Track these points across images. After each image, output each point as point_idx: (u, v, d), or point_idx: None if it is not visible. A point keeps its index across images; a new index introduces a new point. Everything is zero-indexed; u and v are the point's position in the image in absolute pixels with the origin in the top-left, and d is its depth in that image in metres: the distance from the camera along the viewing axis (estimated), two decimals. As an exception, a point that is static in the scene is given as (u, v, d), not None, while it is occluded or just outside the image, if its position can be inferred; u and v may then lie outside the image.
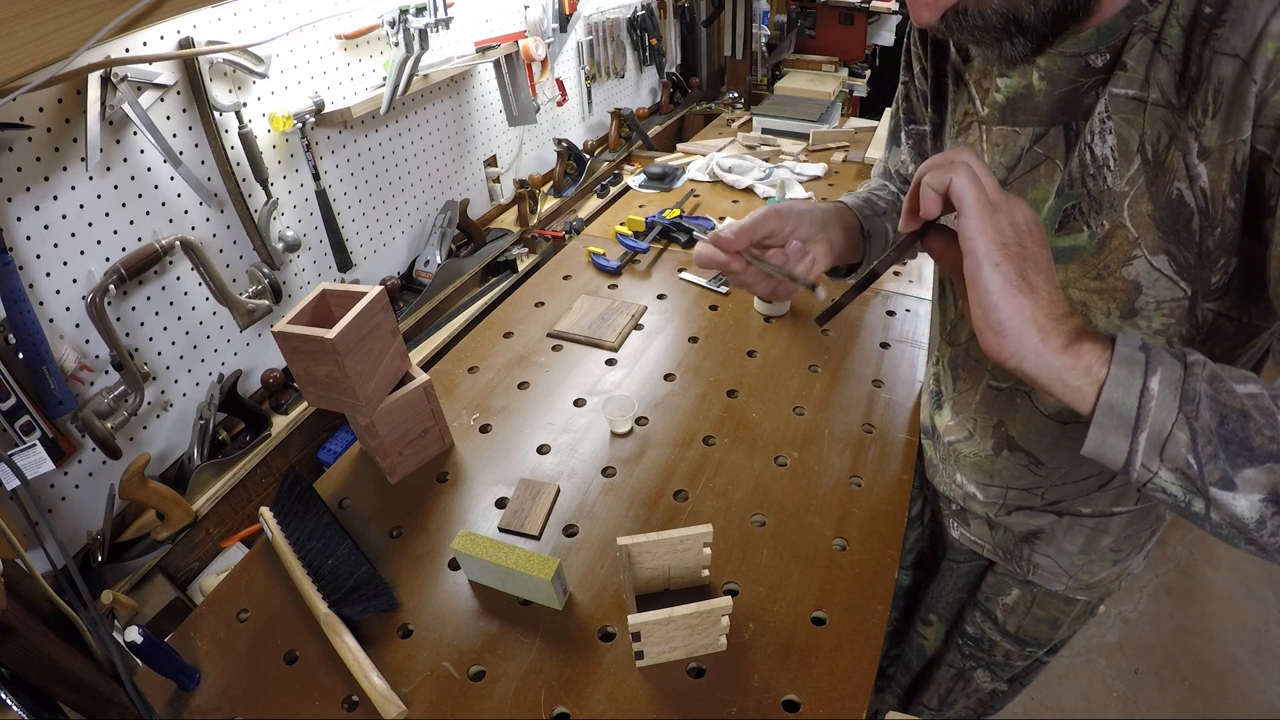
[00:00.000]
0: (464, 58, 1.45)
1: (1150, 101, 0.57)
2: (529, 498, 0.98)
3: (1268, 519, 0.47)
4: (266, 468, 1.17)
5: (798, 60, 2.80)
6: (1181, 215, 0.58)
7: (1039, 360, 0.51)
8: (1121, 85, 0.59)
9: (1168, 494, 0.49)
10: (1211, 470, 0.47)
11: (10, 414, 0.86)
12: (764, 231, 0.70)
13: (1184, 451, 0.48)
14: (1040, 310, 0.50)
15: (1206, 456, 0.47)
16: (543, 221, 1.81)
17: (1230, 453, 0.47)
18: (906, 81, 0.86)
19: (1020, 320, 0.50)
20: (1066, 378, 0.50)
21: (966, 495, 0.92)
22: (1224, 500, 0.47)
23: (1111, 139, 0.60)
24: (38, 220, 0.88)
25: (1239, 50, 0.51)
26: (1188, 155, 0.56)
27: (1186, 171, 0.56)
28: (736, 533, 0.91)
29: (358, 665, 0.77)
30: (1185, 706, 1.74)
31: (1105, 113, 0.60)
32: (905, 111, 0.89)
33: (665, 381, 1.19)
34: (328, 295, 0.96)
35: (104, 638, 0.69)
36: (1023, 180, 0.69)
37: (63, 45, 0.63)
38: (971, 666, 1.11)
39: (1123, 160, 0.60)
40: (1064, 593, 0.92)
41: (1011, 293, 0.50)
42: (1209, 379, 0.48)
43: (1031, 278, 0.51)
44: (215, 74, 1.05)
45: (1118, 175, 0.61)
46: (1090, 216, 0.64)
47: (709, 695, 0.75)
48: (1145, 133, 0.58)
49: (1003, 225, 0.51)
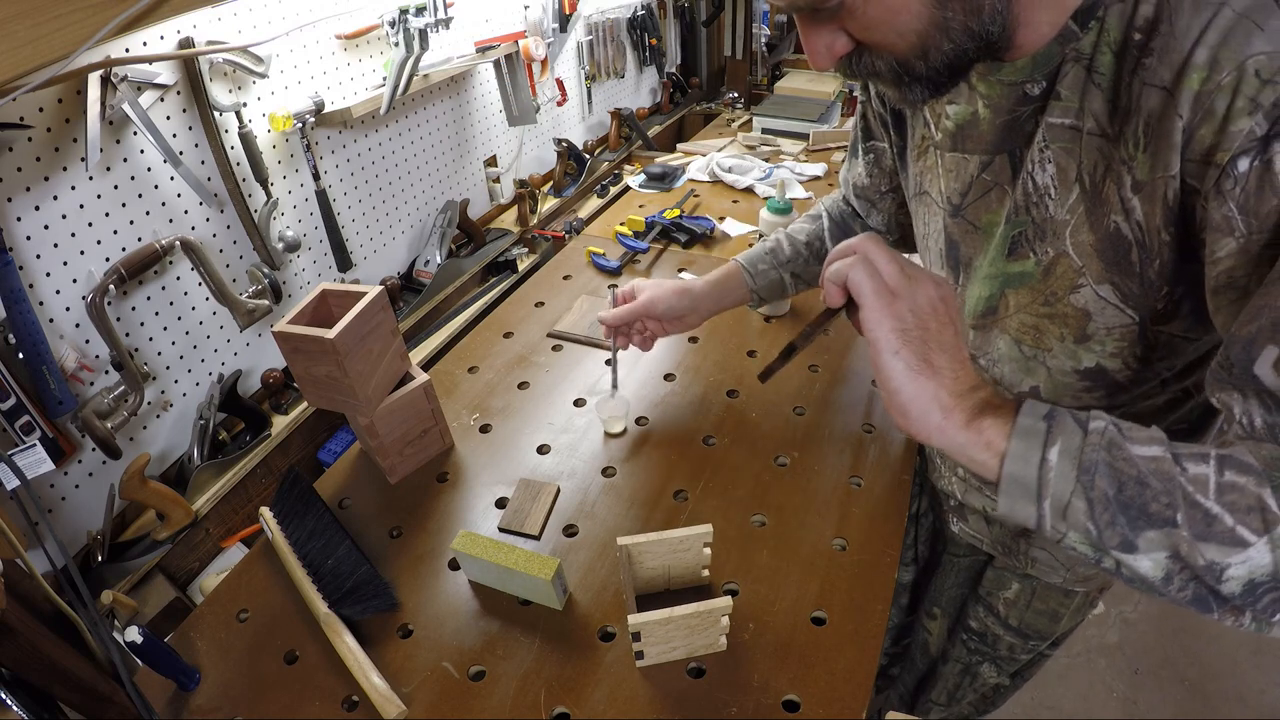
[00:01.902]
0: (464, 58, 1.45)
1: (1086, 130, 0.57)
2: (529, 498, 0.98)
3: (1174, 575, 0.47)
4: (266, 468, 1.17)
5: (798, 60, 2.79)
6: (1120, 247, 0.58)
7: (943, 438, 0.53)
8: (1057, 114, 0.59)
9: (1079, 552, 0.51)
10: (1110, 535, 0.48)
11: (10, 414, 0.86)
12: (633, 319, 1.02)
13: (1083, 519, 0.49)
14: (944, 389, 0.52)
15: (1104, 523, 0.48)
16: (543, 221, 1.81)
17: (1130, 517, 0.47)
18: (864, 102, 0.88)
19: (923, 401, 0.53)
20: (970, 453, 0.52)
21: (964, 490, 0.92)
22: (1127, 561, 0.48)
23: (1051, 168, 0.61)
24: (38, 220, 0.88)
25: (1165, 82, 0.50)
26: (1121, 188, 0.56)
27: (1122, 205, 0.56)
28: (736, 533, 0.91)
29: (358, 665, 0.77)
30: (1185, 706, 1.74)
31: (1044, 142, 0.60)
32: (863, 129, 0.91)
33: (665, 381, 1.19)
34: (328, 295, 0.96)
35: (104, 638, 0.69)
36: (976, 205, 0.70)
37: (63, 45, 0.63)
38: (977, 661, 1.11)
39: (1062, 189, 0.61)
40: (1062, 585, 0.93)
41: (912, 376, 0.53)
42: (1107, 446, 0.48)
43: (934, 358, 0.53)
44: (215, 74, 1.05)
45: (1059, 204, 0.61)
46: (1035, 244, 0.65)
47: (709, 695, 0.75)
48: (1083, 162, 0.58)
49: (902, 312, 0.53)
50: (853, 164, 0.97)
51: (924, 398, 0.53)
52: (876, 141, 0.89)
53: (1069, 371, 0.71)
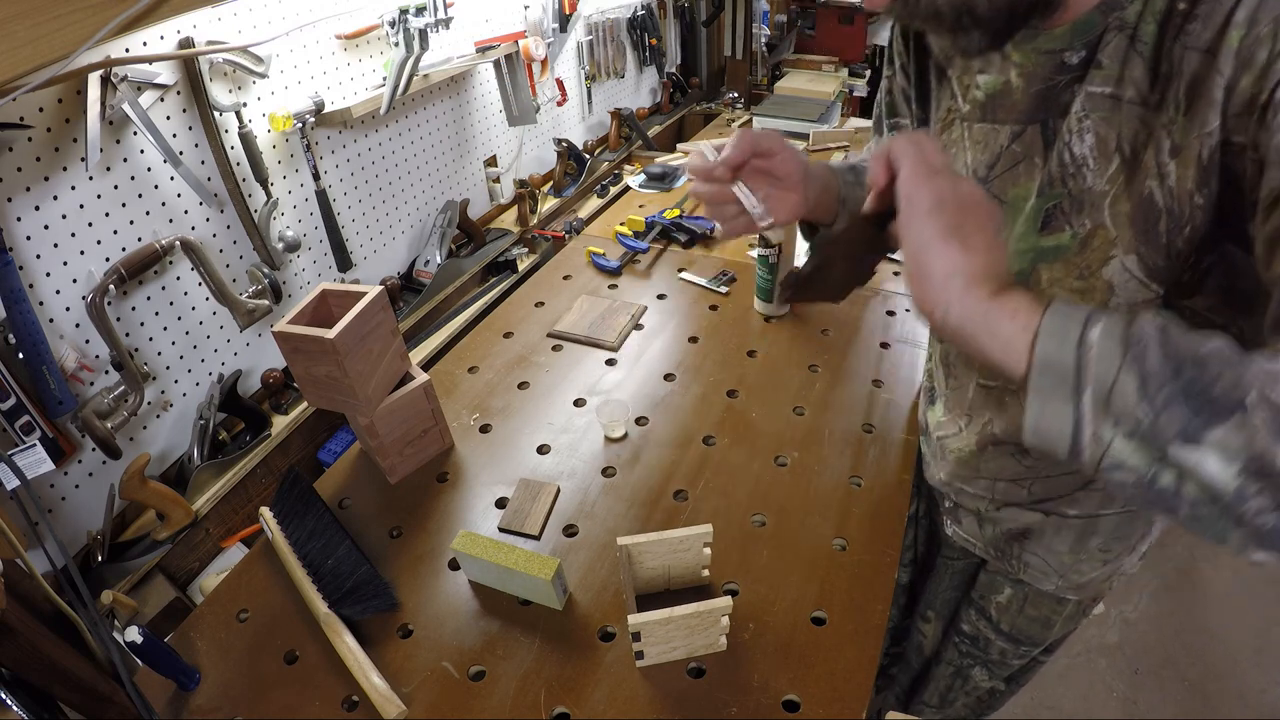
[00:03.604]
0: (464, 58, 1.45)
1: (1126, 100, 0.57)
2: (529, 498, 0.98)
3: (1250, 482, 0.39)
4: (266, 468, 1.17)
5: (798, 60, 2.80)
6: (1151, 215, 0.58)
7: (963, 308, 0.47)
8: (1097, 83, 0.58)
9: (1128, 469, 0.42)
10: (1168, 422, 0.40)
11: (10, 414, 0.86)
12: (764, 147, 0.69)
13: (1133, 402, 0.41)
14: (974, 264, 0.48)
15: (1160, 404, 0.40)
16: (543, 221, 1.81)
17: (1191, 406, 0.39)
18: (889, 76, 0.86)
19: (948, 265, 0.48)
20: (994, 326, 0.46)
21: (958, 490, 0.92)
22: (1191, 461, 0.40)
23: (1090, 138, 0.60)
24: (38, 220, 0.88)
25: (1206, 44, 0.50)
26: (1160, 154, 0.55)
27: (1158, 169, 0.56)
28: (736, 533, 0.91)
29: (358, 665, 0.77)
30: (1185, 706, 1.74)
31: (1082, 111, 0.60)
32: (887, 105, 0.88)
33: (665, 381, 1.19)
34: (328, 295, 0.96)
35: (104, 638, 0.69)
36: (1003, 178, 0.69)
37: (63, 45, 0.63)
38: (969, 664, 1.11)
39: (1102, 159, 0.60)
40: (1055, 592, 0.92)
41: (943, 241, 0.48)
42: (1158, 327, 0.42)
43: (970, 237, 0.49)
44: (215, 74, 1.05)
45: (1097, 174, 0.60)
46: (1072, 216, 0.63)
47: (709, 695, 0.75)
48: (1123, 131, 0.58)
49: (943, 187, 0.50)
50: (878, 141, 0.94)
51: (950, 262, 0.48)
52: (900, 119, 0.87)
53: None
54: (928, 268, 0.49)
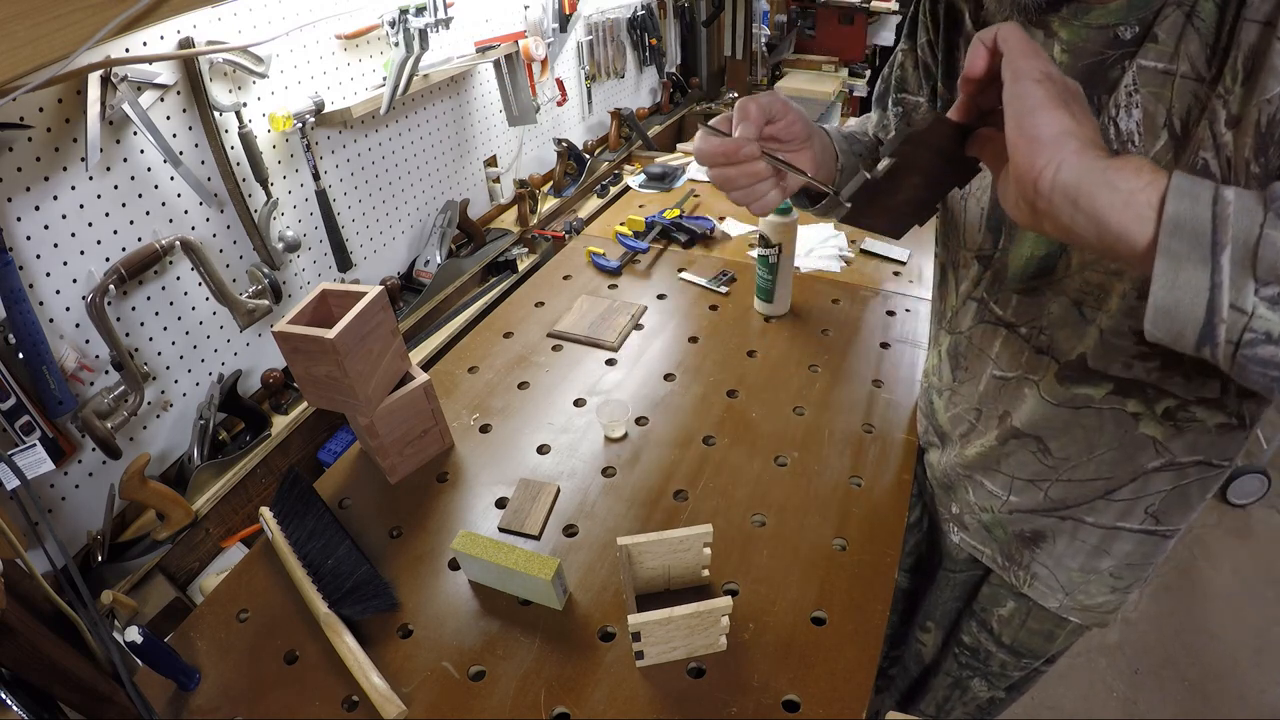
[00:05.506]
0: (464, 58, 1.45)
1: (1179, 74, 0.56)
2: (529, 498, 0.98)
3: None
4: (266, 468, 1.17)
5: (798, 60, 2.80)
6: None
7: (1079, 164, 0.44)
8: (1151, 58, 0.57)
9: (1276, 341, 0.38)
10: None
11: (10, 414, 0.86)
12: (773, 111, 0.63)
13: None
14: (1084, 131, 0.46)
15: None
16: (543, 221, 1.81)
17: None
18: (906, 50, 0.83)
19: (1059, 126, 0.45)
20: (1115, 180, 0.42)
21: (967, 494, 0.91)
22: None
23: (1137, 113, 0.59)
24: (38, 220, 0.88)
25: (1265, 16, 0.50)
26: (1215, 124, 0.54)
27: (1214, 140, 0.54)
28: (736, 533, 0.91)
29: (358, 665, 0.77)
30: (1185, 706, 1.74)
31: (1133, 85, 0.59)
32: (897, 80, 0.85)
33: (665, 381, 1.19)
34: (328, 295, 0.96)
35: (104, 638, 0.69)
36: None
37: (63, 45, 0.63)
38: (968, 676, 1.10)
39: (1148, 135, 0.59)
40: (1057, 611, 0.90)
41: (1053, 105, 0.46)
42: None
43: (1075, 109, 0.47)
44: (215, 74, 1.04)
45: (1143, 151, 0.59)
46: None
47: (709, 695, 0.75)
48: (1173, 106, 0.57)
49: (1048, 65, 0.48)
50: (881, 116, 0.89)
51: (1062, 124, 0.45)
52: (910, 95, 0.84)
53: (1125, 332, 0.66)
54: (1036, 129, 0.46)
